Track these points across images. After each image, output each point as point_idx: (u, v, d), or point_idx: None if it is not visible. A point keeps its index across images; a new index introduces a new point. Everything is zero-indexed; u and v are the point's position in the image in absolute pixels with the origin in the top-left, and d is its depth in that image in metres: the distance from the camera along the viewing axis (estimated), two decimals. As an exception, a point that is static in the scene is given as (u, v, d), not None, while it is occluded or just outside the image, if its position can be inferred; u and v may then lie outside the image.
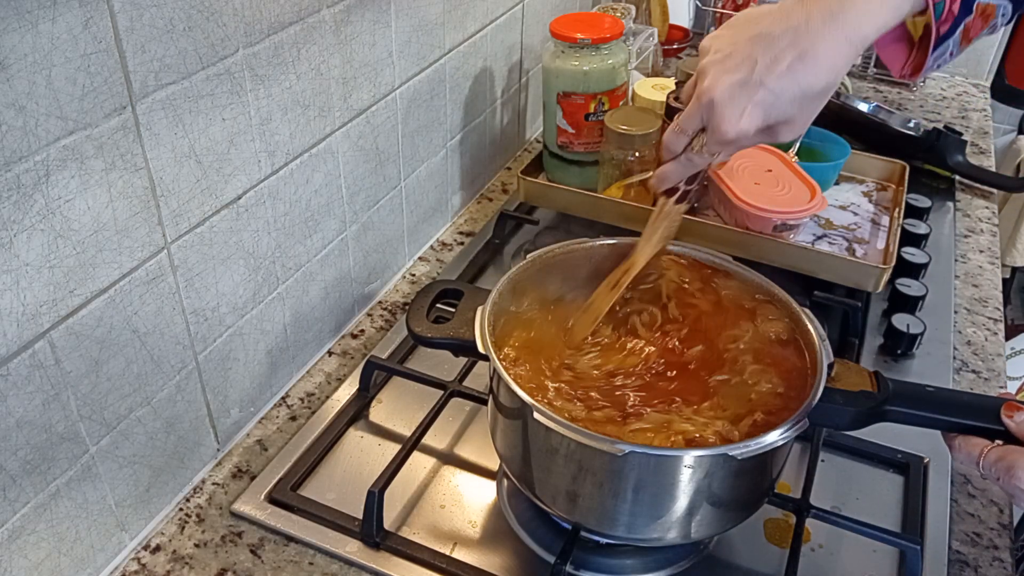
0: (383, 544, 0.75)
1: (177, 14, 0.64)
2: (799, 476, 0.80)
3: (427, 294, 0.79)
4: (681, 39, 1.60)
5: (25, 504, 0.63)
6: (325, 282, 0.94)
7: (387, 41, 0.93)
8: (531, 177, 1.16)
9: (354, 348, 0.98)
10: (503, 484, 0.82)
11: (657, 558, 0.75)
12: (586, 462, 0.64)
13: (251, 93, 0.74)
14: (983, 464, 0.61)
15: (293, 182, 0.84)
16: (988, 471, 0.61)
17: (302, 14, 0.78)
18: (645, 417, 0.67)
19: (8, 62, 0.53)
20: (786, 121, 0.65)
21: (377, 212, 1.01)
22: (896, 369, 0.96)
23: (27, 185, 0.56)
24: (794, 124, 0.66)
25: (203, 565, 0.74)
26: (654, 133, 1.04)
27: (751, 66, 0.63)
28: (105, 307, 0.65)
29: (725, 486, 0.65)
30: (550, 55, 1.09)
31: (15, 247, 0.57)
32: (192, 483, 0.81)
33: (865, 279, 0.98)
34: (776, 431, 0.63)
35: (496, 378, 0.69)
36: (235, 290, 0.80)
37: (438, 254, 1.15)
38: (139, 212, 0.66)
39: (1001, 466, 0.60)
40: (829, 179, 1.15)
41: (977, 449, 0.62)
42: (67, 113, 0.58)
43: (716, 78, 0.64)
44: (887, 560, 0.76)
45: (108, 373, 0.67)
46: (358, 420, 0.89)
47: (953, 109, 1.56)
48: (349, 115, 0.90)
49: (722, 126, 0.64)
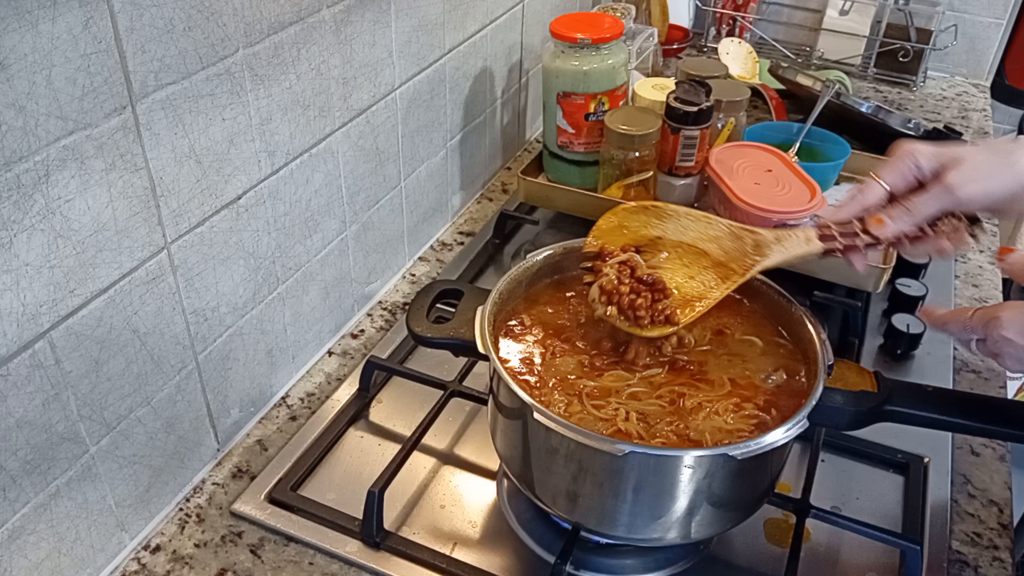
0: (383, 544, 0.75)
1: (177, 14, 0.64)
2: (799, 476, 0.80)
3: (427, 294, 0.79)
4: (681, 39, 1.60)
5: (25, 504, 0.63)
6: (325, 282, 0.94)
7: (387, 41, 0.93)
8: (531, 177, 1.17)
9: (354, 348, 0.98)
10: (503, 484, 0.82)
11: (657, 558, 0.75)
12: (586, 462, 0.64)
13: (251, 93, 0.74)
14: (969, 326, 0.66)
15: (293, 182, 0.84)
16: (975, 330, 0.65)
17: (302, 14, 0.78)
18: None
19: (8, 62, 0.53)
20: None
21: (377, 212, 1.01)
22: (896, 369, 0.96)
23: (27, 185, 0.56)
24: None
25: (203, 565, 0.74)
26: (654, 133, 1.05)
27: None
28: (105, 307, 0.65)
29: (725, 486, 0.65)
30: (550, 55, 1.09)
31: (15, 247, 0.57)
32: (192, 483, 0.81)
33: (865, 279, 0.98)
34: (776, 431, 0.63)
35: (496, 378, 0.69)
36: (235, 290, 0.80)
37: (438, 254, 1.15)
38: (139, 212, 0.66)
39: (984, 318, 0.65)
40: (829, 179, 1.15)
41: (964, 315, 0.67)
42: (67, 113, 0.58)
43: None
44: (887, 560, 0.76)
45: (108, 373, 0.67)
46: (358, 420, 0.89)
47: (953, 109, 1.56)
48: (349, 115, 0.90)
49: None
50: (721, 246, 0.74)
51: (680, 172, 1.06)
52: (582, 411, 0.68)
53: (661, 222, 0.77)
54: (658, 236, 0.77)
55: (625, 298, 0.72)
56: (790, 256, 0.70)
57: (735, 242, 0.74)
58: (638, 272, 0.73)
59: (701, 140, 1.03)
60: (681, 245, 0.76)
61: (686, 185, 1.07)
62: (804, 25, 1.70)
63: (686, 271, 0.75)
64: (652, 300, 0.72)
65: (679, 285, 0.74)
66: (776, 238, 0.71)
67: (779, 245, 0.71)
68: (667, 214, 0.77)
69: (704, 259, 0.75)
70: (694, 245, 0.75)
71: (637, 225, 0.77)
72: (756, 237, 0.73)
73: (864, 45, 1.62)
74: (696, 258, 0.75)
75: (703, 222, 0.75)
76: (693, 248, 0.75)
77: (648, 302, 0.72)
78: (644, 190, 1.08)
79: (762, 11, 1.71)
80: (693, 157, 1.04)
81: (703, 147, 1.04)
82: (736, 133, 1.14)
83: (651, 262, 0.75)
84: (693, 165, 1.05)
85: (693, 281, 0.75)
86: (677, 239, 0.76)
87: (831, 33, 1.63)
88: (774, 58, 1.60)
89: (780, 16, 1.72)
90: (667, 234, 0.77)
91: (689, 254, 0.76)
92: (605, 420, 0.67)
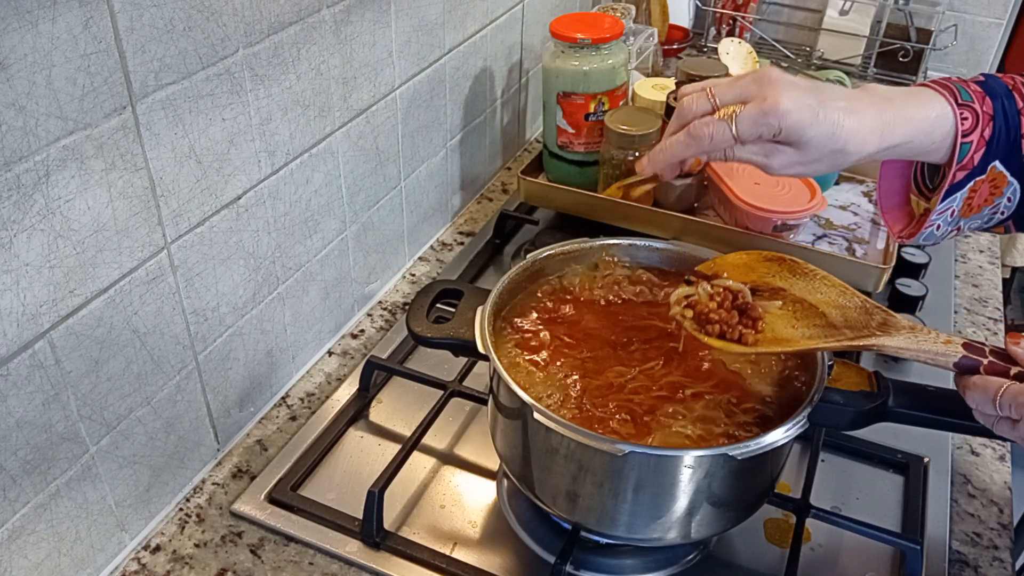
0: (383, 544, 0.75)
1: (177, 14, 0.64)
2: (799, 476, 0.80)
3: (427, 294, 0.79)
4: (681, 39, 1.60)
5: (25, 504, 0.63)
6: (325, 282, 0.94)
7: (387, 41, 0.93)
8: (531, 177, 1.17)
9: (354, 348, 0.98)
10: (503, 484, 0.82)
11: (657, 558, 0.75)
12: (586, 462, 0.64)
13: (251, 93, 0.74)
14: (999, 402, 0.58)
15: (293, 182, 0.84)
16: (1007, 409, 0.57)
17: (302, 14, 0.78)
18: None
19: (8, 62, 0.53)
20: (798, 148, 0.64)
21: (377, 212, 1.01)
22: (896, 369, 0.96)
23: (27, 185, 0.56)
24: (793, 158, 0.65)
25: (203, 565, 0.74)
26: (654, 133, 1.05)
27: (815, 90, 0.64)
28: (105, 307, 0.65)
29: (725, 486, 0.65)
30: (550, 55, 1.09)
31: (15, 247, 0.57)
32: (192, 483, 0.81)
33: (865, 279, 0.98)
34: (776, 431, 0.63)
35: (496, 378, 0.69)
36: (235, 290, 0.80)
37: (438, 254, 1.15)
38: (139, 212, 0.66)
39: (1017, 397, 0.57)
40: (829, 179, 1.15)
41: (995, 387, 0.58)
42: (67, 113, 0.58)
43: (781, 74, 0.64)
44: (887, 560, 0.76)
45: (108, 373, 0.67)
46: (358, 420, 0.89)
47: (953, 109, 1.55)
48: (349, 115, 0.90)
49: (779, 99, 0.62)
50: (845, 315, 0.68)
51: (680, 172, 1.06)
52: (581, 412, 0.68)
53: (793, 277, 0.72)
54: (783, 288, 0.72)
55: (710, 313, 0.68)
56: (917, 348, 0.63)
57: (862, 316, 0.68)
58: (739, 300, 0.69)
59: (701, 140, 1.03)
60: (802, 302, 0.70)
61: (686, 185, 1.07)
62: (804, 25, 1.70)
63: (792, 321, 0.70)
64: (737, 321, 0.68)
65: (775, 326, 0.69)
66: (911, 327, 0.65)
67: (909, 332, 0.64)
68: (802, 272, 0.72)
69: (818, 319, 0.69)
70: (816, 306, 0.70)
71: (765, 271, 0.73)
72: (888, 317, 0.67)
73: (864, 45, 1.62)
74: (810, 316, 0.69)
75: (837, 289, 0.70)
76: (813, 308, 0.70)
77: (733, 320, 0.68)
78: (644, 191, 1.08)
79: (762, 11, 1.71)
80: (693, 157, 1.04)
81: (703, 147, 1.04)
82: (736, 133, 1.14)
83: (762, 304, 0.70)
84: (693, 165, 1.05)
85: (792, 330, 0.69)
86: (801, 296, 0.71)
87: (831, 33, 1.63)
88: (774, 58, 1.60)
89: (780, 16, 1.72)
90: (793, 289, 0.71)
91: (805, 310, 0.70)
92: (604, 420, 0.67)
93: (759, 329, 0.68)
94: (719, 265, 0.75)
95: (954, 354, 0.61)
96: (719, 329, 0.68)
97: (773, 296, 0.71)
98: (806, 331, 0.68)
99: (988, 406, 0.59)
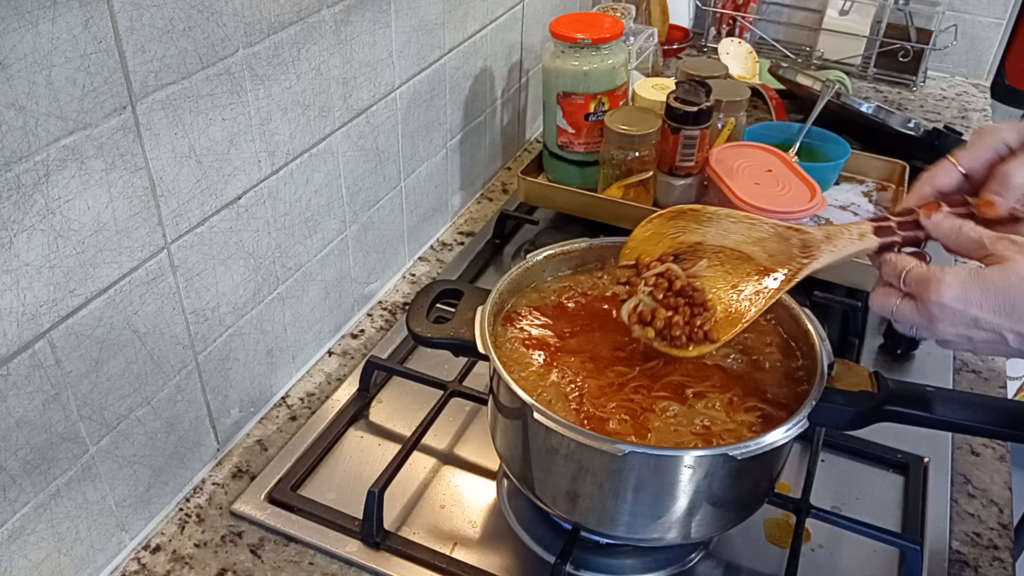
0: (383, 544, 0.75)
1: (177, 14, 0.64)
2: (799, 476, 0.80)
3: (427, 294, 0.79)
4: (681, 39, 1.60)
5: (25, 504, 0.63)
6: (325, 282, 0.94)
7: (387, 41, 0.93)
8: (531, 177, 1.17)
9: (354, 348, 0.98)
10: (503, 484, 0.82)
11: (657, 558, 0.75)
12: (586, 462, 0.64)
13: (251, 93, 0.74)
14: (905, 279, 0.60)
15: (293, 182, 0.84)
16: (909, 285, 0.59)
17: (302, 14, 0.78)
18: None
19: (8, 62, 0.53)
20: None
21: (377, 212, 1.01)
22: (896, 369, 0.96)
23: (27, 185, 0.56)
24: None
25: (203, 565, 0.74)
26: (654, 133, 1.05)
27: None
28: (105, 307, 0.65)
29: (725, 486, 0.65)
30: (550, 55, 1.09)
31: (15, 247, 0.57)
32: (192, 483, 0.81)
33: (865, 279, 0.98)
34: (776, 431, 0.63)
35: (496, 378, 0.69)
36: (235, 290, 0.80)
37: (438, 254, 1.15)
38: (139, 212, 0.66)
39: (919, 277, 0.59)
40: (829, 179, 1.15)
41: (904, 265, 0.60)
42: (67, 113, 0.58)
43: None
44: (887, 560, 0.76)
45: (108, 373, 0.67)
46: (358, 420, 0.89)
47: (953, 109, 1.56)
48: (349, 115, 0.90)
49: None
50: (766, 249, 0.69)
51: (680, 172, 1.06)
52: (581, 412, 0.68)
53: (700, 226, 0.72)
54: (698, 241, 0.72)
55: (659, 321, 0.69)
56: (842, 255, 0.65)
57: (781, 243, 0.68)
58: (676, 285, 0.69)
59: (701, 140, 1.03)
60: (723, 250, 0.71)
61: (686, 185, 1.07)
62: (804, 25, 1.70)
63: (728, 279, 0.70)
64: (690, 315, 0.69)
65: (720, 296, 0.70)
66: (826, 236, 0.66)
67: (829, 244, 0.65)
68: (707, 217, 0.72)
69: (747, 264, 0.70)
70: (737, 250, 0.70)
71: (675, 231, 0.73)
72: (803, 236, 0.67)
73: (864, 45, 1.62)
74: (739, 264, 0.70)
75: (746, 223, 0.70)
76: (736, 253, 0.70)
77: (686, 317, 0.68)
78: (644, 190, 1.08)
79: (762, 11, 1.71)
80: (693, 157, 1.04)
81: (703, 147, 1.04)
82: (736, 133, 1.14)
83: (691, 271, 0.71)
84: (693, 165, 1.05)
85: (735, 291, 0.69)
86: (718, 244, 0.71)
87: (831, 33, 1.63)
88: (774, 58, 1.60)
89: (780, 16, 1.72)
90: (707, 239, 0.71)
91: (731, 260, 0.70)
92: (604, 419, 0.67)
93: (708, 307, 0.69)
94: (634, 248, 0.74)
95: (872, 244, 0.63)
96: (684, 338, 0.69)
97: (694, 255, 0.72)
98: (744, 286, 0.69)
99: (895, 279, 0.60)
